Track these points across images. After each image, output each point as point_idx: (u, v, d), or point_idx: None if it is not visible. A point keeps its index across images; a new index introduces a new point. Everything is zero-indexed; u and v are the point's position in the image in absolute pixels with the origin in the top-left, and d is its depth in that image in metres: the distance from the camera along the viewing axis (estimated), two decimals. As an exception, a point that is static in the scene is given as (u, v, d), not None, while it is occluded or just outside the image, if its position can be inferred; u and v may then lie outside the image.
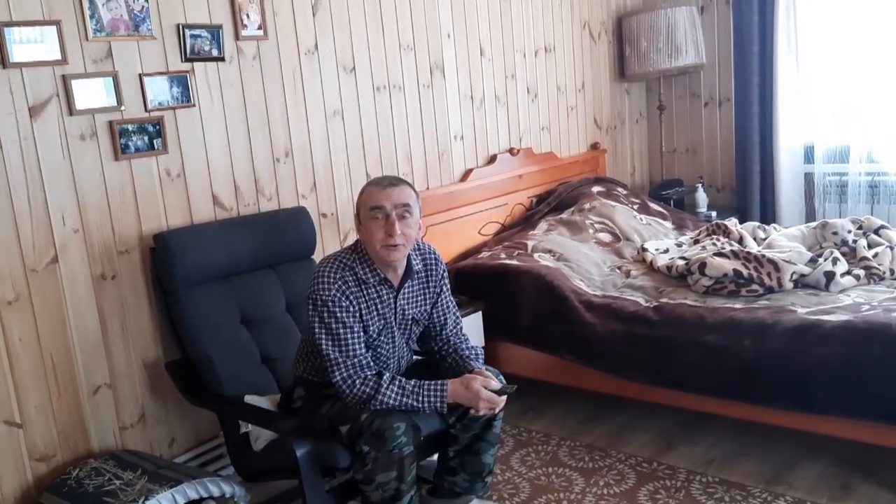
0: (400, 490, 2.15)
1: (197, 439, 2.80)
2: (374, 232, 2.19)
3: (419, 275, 2.36)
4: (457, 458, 2.44)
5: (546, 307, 3.16)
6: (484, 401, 2.19)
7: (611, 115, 4.82)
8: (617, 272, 3.50)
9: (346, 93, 3.22)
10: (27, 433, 2.37)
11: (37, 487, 2.38)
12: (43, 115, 2.34)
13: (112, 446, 2.56)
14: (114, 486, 2.24)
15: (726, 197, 4.84)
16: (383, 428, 2.09)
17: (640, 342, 2.88)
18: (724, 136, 4.80)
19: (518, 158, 4.10)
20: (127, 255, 2.57)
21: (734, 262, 3.04)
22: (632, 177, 5.04)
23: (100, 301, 2.51)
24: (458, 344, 2.44)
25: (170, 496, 2.18)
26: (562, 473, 2.80)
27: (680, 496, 2.58)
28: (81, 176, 2.44)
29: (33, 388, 2.37)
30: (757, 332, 2.66)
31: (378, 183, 2.27)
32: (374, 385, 2.16)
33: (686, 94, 4.91)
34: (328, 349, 2.18)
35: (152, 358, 2.65)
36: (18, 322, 2.33)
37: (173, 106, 2.64)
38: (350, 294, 2.20)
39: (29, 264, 2.34)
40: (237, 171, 2.86)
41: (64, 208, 2.41)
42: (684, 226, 4.15)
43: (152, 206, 2.62)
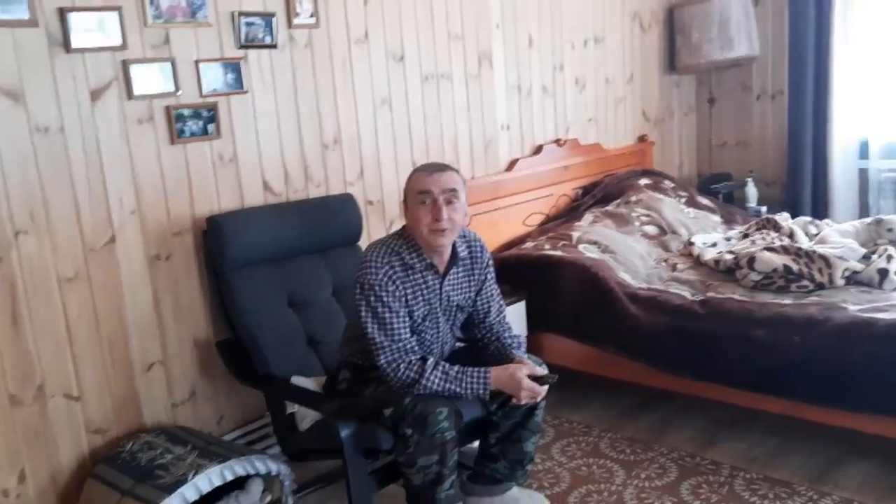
0: (441, 474, 2.17)
1: (244, 418, 2.87)
2: (421, 217, 2.22)
3: (464, 262, 2.38)
4: (498, 446, 2.46)
5: (590, 299, 3.15)
6: (525, 390, 2.20)
7: (659, 108, 4.76)
8: (663, 265, 3.47)
9: (394, 81, 3.25)
10: (84, 406, 2.45)
11: (92, 459, 2.46)
12: (103, 99, 2.42)
13: (164, 422, 2.64)
14: (165, 459, 2.31)
15: (777, 192, 4.75)
16: (426, 412, 2.12)
17: (685, 336, 2.86)
18: (776, 129, 4.71)
19: (564, 149, 4.08)
20: (180, 237, 2.64)
21: (784, 257, 3.00)
22: (679, 170, 4.98)
23: (154, 281, 2.58)
24: (500, 332, 2.45)
25: (218, 471, 2.24)
26: (603, 465, 2.80)
27: (723, 492, 2.56)
28: (138, 159, 2.51)
29: (90, 363, 2.46)
30: (806, 329, 2.62)
31: (426, 168, 2.29)
32: (417, 370, 2.19)
33: (737, 87, 4.83)
34: (374, 333, 2.21)
35: (203, 337, 2.72)
36: (77, 299, 2.41)
37: (227, 92, 2.70)
38: (397, 279, 2.23)
39: (88, 243, 2.42)
40: (287, 157, 2.91)
41: (121, 190, 2.48)
42: (733, 220, 4.09)
43: (205, 190, 2.68)
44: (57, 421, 2.39)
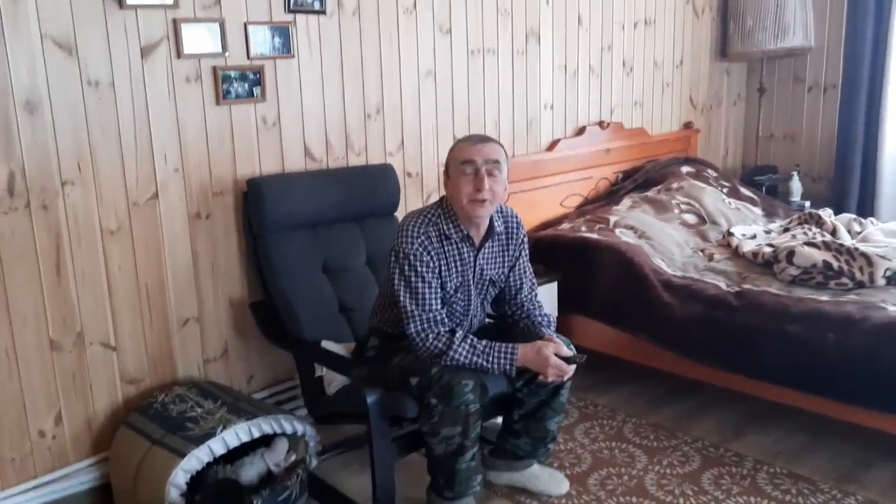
0: (463, 445, 2.20)
1: (274, 379, 2.92)
2: (462, 186, 2.22)
3: (500, 236, 2.38)
4: (521, 422, 2.47)
5: (624, 284, 3.13)
6: (553, 367, 2.20)
7: (707, 95, 4.68)
8: (699, 255, 3.43)
9: (440, 54, 3.24)
10: (120, 356, 2.52)
11: (126, 407, 2.53)
12: (153, 56, 2.45)
13: (196, 377, 2.70)
14: (195, 413, 2.37)
15: (822, 188, 4.65)
16: (452, 383, 2.14)
17: (719, 327, 2.83)
18: (827, 123, 4.60)
19: (607, 132, 4.04)
20: (221, 197, 2.68)
21: (825, 253, 2.94)
22: (724, 160, 4.90)
23: (193, 239, 2.63)
24: (531, 310, 2.46)
25: (246, 428, 2.29)
26: (625, 449, 2.79)
27: (745, 484, 2.55)
28: (184, 117, 2.55)
29: (128, 315, 2.52)
30: (843, 327, 2.57)
31: (470, 139, 2.30)
32: (446, 341, 2.20)
33: (789, 78, 4.72)
34: (405, 301, 2.23)
35: (238, 297, 2.77)
36: (119, 251, 2.47)
37: (274, 56, 2.72)
38: (432, 249, 2.24)
39: (131, 198, 2.47)
40: (329, 124, 2.93)
41: (166, 147, 2.52)
42: (775, 213, 4.02)
43: (248, 152, 2.72)
44: (94, 368, 2.47)
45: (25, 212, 2.27)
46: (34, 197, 2.28)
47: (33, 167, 2.26)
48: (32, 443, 2.38)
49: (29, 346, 2.32)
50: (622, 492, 2.52)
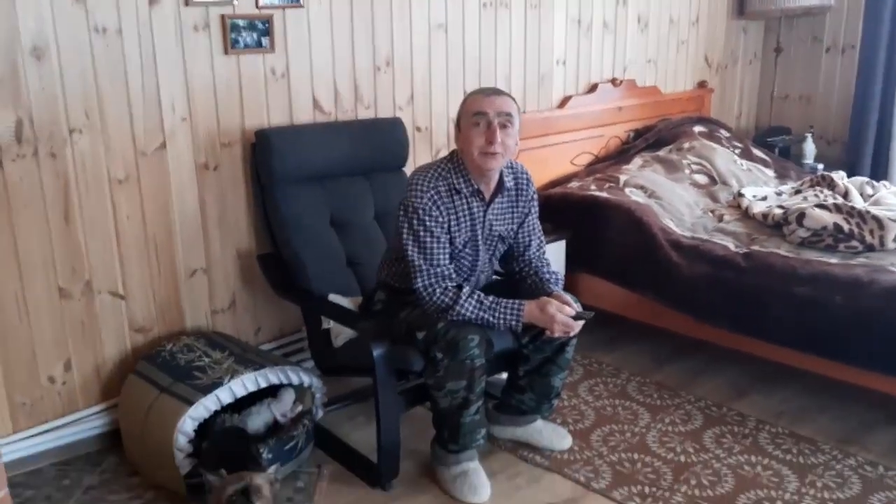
0: (468, 399, 2.22)
1: (281, 331, 2.94)
2: (473, 138, 2.20)
3: (510, 192, 2.37)
4: (526, 378, 2.49)
5: (632, 243, 3.12)
6: (559, 324, 2.21)
7: (723, 54, 4.60)
8: (709, 215, 3.41)
9: (452, 6, 3.18)
10: (128, 305, 2.54)
11: (134, 356, 2.56)
12: (161, 3, 2.42)
13: (203, 327, 2.72)
14: (203, 362, 2.39)
15: (836, 151, 4.59)
16: (458, 338, 2.14)
17: (726, 287, 2.82)
18: (843, 85, 4.52)
19: (619, 90, 3.99)
20: (229, 148, 2.66)
21: (835, 216, 2.92)
22: (737, 120, 4.84)
23: (201, 189, 2.62)
24: (539, 267, 2.45)
25: (253, 378, 2.31)
26: (628, 407, 2.81)
27: (746, 443, 2.57)
28: (192, 67, 2.52)
29: (136, 263, 2.53)
30: (851, 290, 2.56)
31: (482, 91, 2.28)
32: (453, 296, 2.21)
33: (807, 38, 4.63)
34: (413, 255, 2.23)
35: (245, 249, 2.78)
36: (127, 200, 2.47)
37: (283, 5, 2.68)
38: (441, 204, 2.23)
39: (139, 147, 2.46)
40: (339, 76, 2.89)
41: (174, 97, 2.50)
42: (787, 175, 3.98)
43: (256, 103, 2.69)
44: (102, 317, 2.49)
45: (33, 159, 2.26)
46: (42, 144, 2.27)
47: (41, 114, 2.25)
48: (43, 388, 2.41)
49: (38, 294, 2.34)
50: (624, 448, 2.54)
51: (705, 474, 2.39)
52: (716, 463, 2.45)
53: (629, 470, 2.42)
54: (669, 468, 2.43)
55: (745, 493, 2.29)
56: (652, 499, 2.27)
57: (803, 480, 2.35)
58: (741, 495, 2.28)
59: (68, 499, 2.28)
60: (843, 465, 2.43)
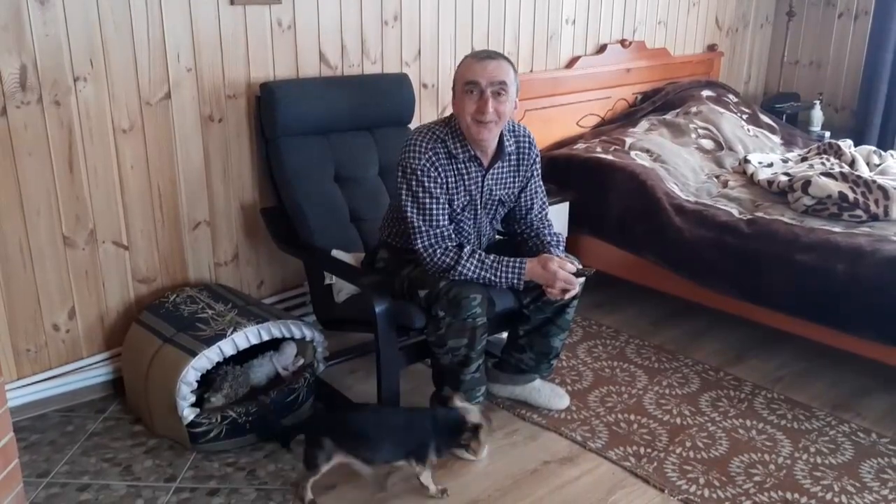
0: (469, 357, 2.24)
1: (283, 285, 2.95)
2: (466, 106, 2.18)
3: (510, 157, 2.35)
4: (526, 338, 2.51)
5: (636, 206, 3.12)
6: (560, 280, 2.21)
7: (734, 17, 4.53)
8: (714, 181, 3.40)
9: (462, -39, 3.14)
10: (132, 255, 2.55)
11: (137, 306, 2.58)
12: (167, -50, 2.38)
13: (206, 279, 2.74)
14: (206, 314, 2.40)
15: (844, 119, 4.56)
16: (460, 296, 2.15)
17: (728, 252, 2.83)
18: (855, 51, 4.47)
19: (628, 51, 3.94)
20: (234, 100, 2.64)
21: (841, 185, 2.91)
22: (746, 85, 4.79)
23: (206, 141, 2.61)
24: (541, 229, 2.45)
25: (255, 331, 2.33)
26: (626, 369, 2.84)
27: (742, 407, 2.59)
28: (198, 16, 2.49)
29: (140, 214, 2.53)
30: (853, 258, 2.57)
31: (476, 55, 2.23)
32: (454, 256, 2.21)
33: (820, 2, 4.56)
34: (413, 217, 2.23)
35: (249, 202, 2.77)
36: (131, 150, 2.46)
37: (291, -45, 2.64)
38: (439, 166, 2.21)
39: (144, 97, 2.44)
40: (345, 30, 2.86)
41: (179, 46, 2.47)
42: (793, 143, 3.96)
43: (261, 55, 2.66)
44: (106, 266, 2.50)
45: (38, 106, 2.24)
46: (46, 92, 2.25)
47: (45, 61, 2.23)
48: (47, 335, 2.43)
49: (42, 242, 2.35)
50: (621, 409, 2.57)
51: (700, 437, 2.42)
52: (711, 426, 2.48)
53: (625, 431, 2.45)
54: (665, 430, 2.46)
55: (738, 457, 2.32)
56: (647, 459, 2.30)
57: (797, 445, 2.38)
58: (735, 458, 2.32)
59: (72, 444, 2.31)
60: (836, 431, 2.46)
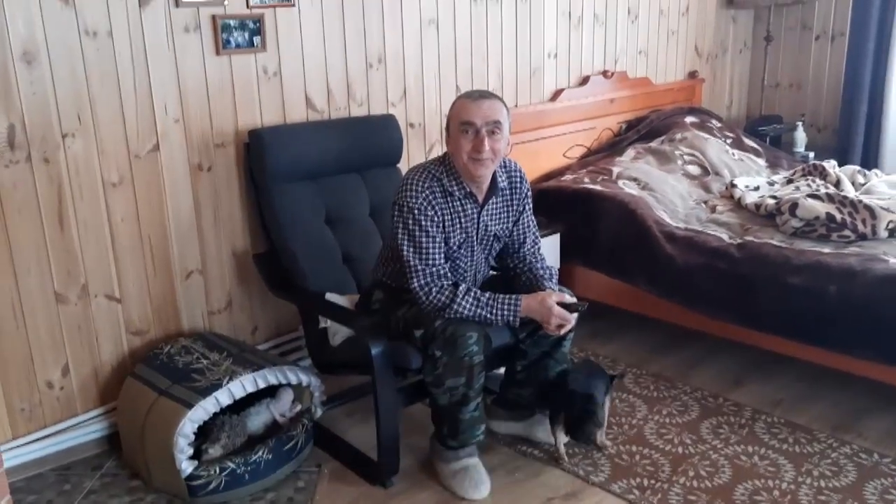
0: (467, 396, 2.23)
1: (278, 330, 2.94)
2: (462, 145, 2.20)
3: (504, 192, 2.37)
4: (524, 373, 2.50)
5: (626, 235, 3.13)
6: (555, 317, 2.21)
7: (713, 43, 4.61)
8: (702, 206, 3.43)
9: (442, 2, 3.18)
10: (125, 308, 2.54)
11: (131, 358, 2.56)
12: (151, 4, 2.41)
13: (200, 328, 2.72)
14: (201, 364, 2.39)
15: (827, 138, 4.61)
16: (456, 335, 2.15)
17: (720, 277, 2.84)
18: (833, 72, 4.54)
19: (611, 82, 3.99)
20: (223, 149, 2.66)
21: (828, 206, 2.94)
22: (728, 110, 4.85)
23: (195, 190, 2.62)
24: (533, 263, 2.46)
25: (251, 379, 2.32)
26: (625, 399, 2.83)
27: (743, 433, 2.59)
28: (184, 68, 2.51)
29: (132, 266, 2.52)
30: (844, 279, 2.58)
31: (469, 96, 2.26)
32: (449, 294, 2.21)
33: (797, 26, 4.64)
34: (408, 255, 2.23)
35: (241, 249, 2.77)
36: (121, 203, 2.46)
37: (274, 4, 2.67)
38: (436, 204, 2.23)
39: (132, 149, 2.46)
40: (331, 74, 2.89)
41: (166, 98, 2.49)
42: (779, 165, 4.00)
43: (248, 103, 2.69)
44: (99, 320, 2.49)
45: (27, 164, 2.25)
46: (35, 149, 2.26)
47: (33, 119, 2.24)
48: (41, 393, 2.41)
49: (34, 299, 2.34)
50: (622, 440, 2.56)
51: (703, 465, 2.41)
52: (713, 454, 2.47)
53: (627, 462, 2.44)
54: (667, 460, 2.44)
55: (742, 484, 2.31)
56: (651, 491, 2.29)
57: (800, 469, 2.37)
58: (739, 486, 2.30)
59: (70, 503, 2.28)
60: (838, 453, 2.45)
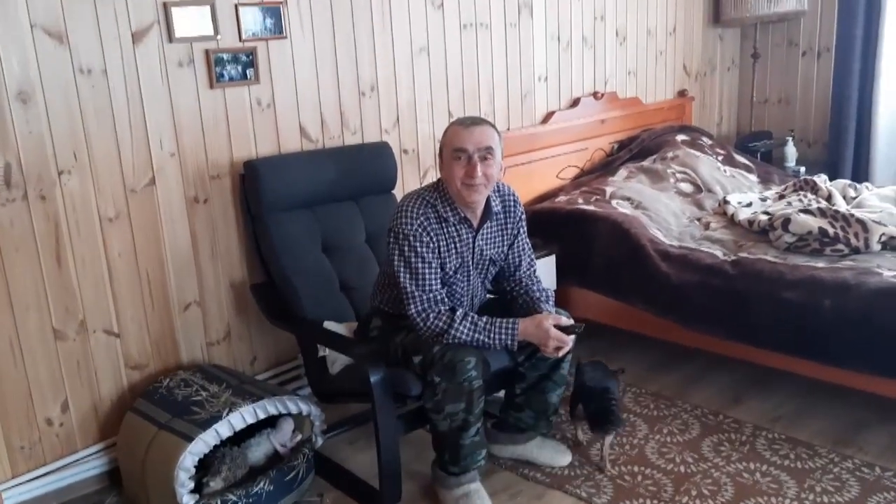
0: (467, 421, 2.23)
1: (277, 360, 2.94)
2: (455, 172, 2.22)
3: (498, 216, 2.39)
4: (523, 396, 2.51)
5: (621, 254, 3.15)
6: (553, 339, 2.23)
7: (701, 62, 4.66)
8: (696, 224, 3.45)
9: (432, 29, 3.22)
10: (123, 342, 2.54)
11: (131, 393, 2.56)
12: (144, 41, 2.43)
13: (199, 360, 2.73)
14: (201, 396, 2.39)
15: (817, 152, 4.65)
16: (455, 360, 2.16)
17: (715, 294, 2.85)
18: (821, 88, 4.59)
19: (601, 103, 4.03)
20: (218, 181, 2.67)
21: (820, 220, 2.96)
22: (718, 127, 4.89)
23: (192, 223, 2.63)
24: (529, 285, 2.47)
25: (251, 410, 2.32)
26: (625, 418, 2.83)
27: (744, 450, 2.59)
28: (178, 102, 2.54)
29: (130, 300, 2.53)
30: (838, 292, 2.60)
31: (461, 123, 2.29)
32: (447, 320, 2.22)
33: (783, 43, 4.70)
34: (405, 282, 2.25)
35: (238, 279, 2.78)
36: (118, 238, 2.47)
37: (266, 37, 2.70)
38: (431, 230, 2.25)
39: (129, 185, 2.47)
40: (324, 103, 2.91)
41: (161, 133, 2.52)
42: (770, 180, 4.03)
43: (243, 135, 2.71)
44: (98, 355, 2.49)
45: (24, 202, 2.27)
46: (31, 187, 2.27)
47: (29, 157, 2.26)
48: (40, 430, 2.40)
49: (32, 336, 2.34)
50: (624, 461, 2.56)
51: (705, 484, 2.41)
52: (715, 472, 2.47)
53: (630, 483, 2.43)
54: (670, 479, 2.44)
55: (745, 501, 2.31)
56: (654, 511, 2.29)
57: (802, 486, 2.37)
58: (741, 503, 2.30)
59: (71, 540, 2.27)
60: (840, 467, 2.46)
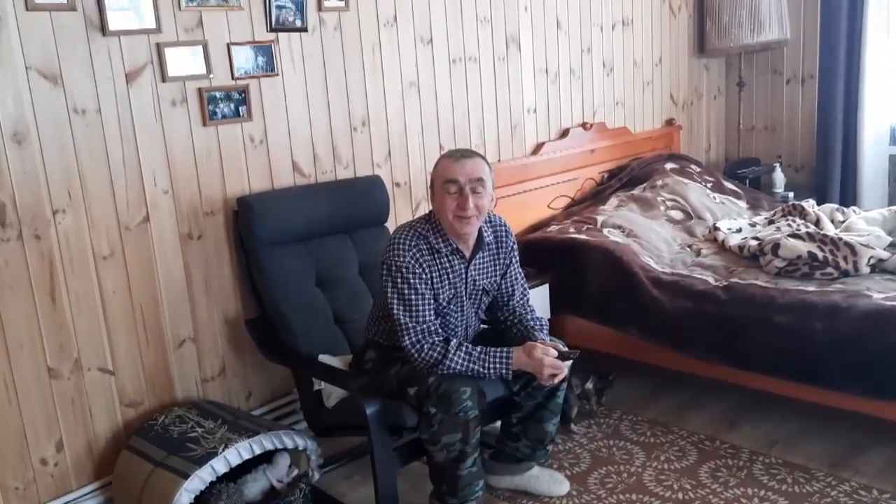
0: (464, 452, 2.22)
1: (272, 394, 2.94)
2: (447, 203, 2.25)
3: (490, 246, 2.41)
4: (519, 425, 2.51)
5: (613, 282, 3.17)
6: (547, 367, 2.23)
7: (688, 91, 4.73)
8: (687, 250, 3.48)
9: (422, 64, 3.27)
10: (118, 380, 2.54)
11: (126, 431, 2.55)
12: (138, 80, 2.47)
13: (194, 396, 2.72)
14: (196, 433, 2.38)
15: (805, 177, 4.71)
16: (450, 391, 2.16)
17: (708, 320, 2.87)
18: (806, 114, 4.66)
19: (590, 133, 4.09)
20: (212, 217, 2.70)
21: (809, 245, 2.99)
22: (707, 154, 4.95)
23: (186, 259, 2.65)
24: (523, 315, 2.49)
25: (247, 445, 2.31)
26: (623, 447, 2.83)
27: (742, 476, 2.58)
28: (172, 140, 2.57)
29: (124, 337, 2.53)
30: (829, 316, 2.62)
31: (451, 155, 2.32)
32: (441, 350, 2.23)
33: (767, 71, 4.78)
34: (399, 314, 2.26)
35: (233, 315, 2.79)
36: (112, 275, 2.48)
37: (258, 75, 2.74)
38: (423, 262, 2.26)
39: (123, 222, 2.49)
40: (316, 139, 2.95)
41: (155, 170, 2.54)
42: (759, 206, 4.07)
43: (236, 171, 2.74)
44: (92, 394, 2.48)
45: (18, 242, 2.28)
46: (26, 226, 2.29)
47: (24, 197, 2.28)
48: (35, 471, 2.39)
49: (27, 375, 2.34)
50: (622, 489, 2.55)
51: (704, 510, 2.41)
52: (714, 498, 2.47)
53: (628, 511, 2.43)
54: (668, 507, 2.44)
55: (744, 527, 2.31)
56: (653, 539, 2.28)
57: (800, 510, 2.37)
58: (740, 529, 2.30)
59: (66, 582, 2.25)
60: (837, 491, 2.46)
